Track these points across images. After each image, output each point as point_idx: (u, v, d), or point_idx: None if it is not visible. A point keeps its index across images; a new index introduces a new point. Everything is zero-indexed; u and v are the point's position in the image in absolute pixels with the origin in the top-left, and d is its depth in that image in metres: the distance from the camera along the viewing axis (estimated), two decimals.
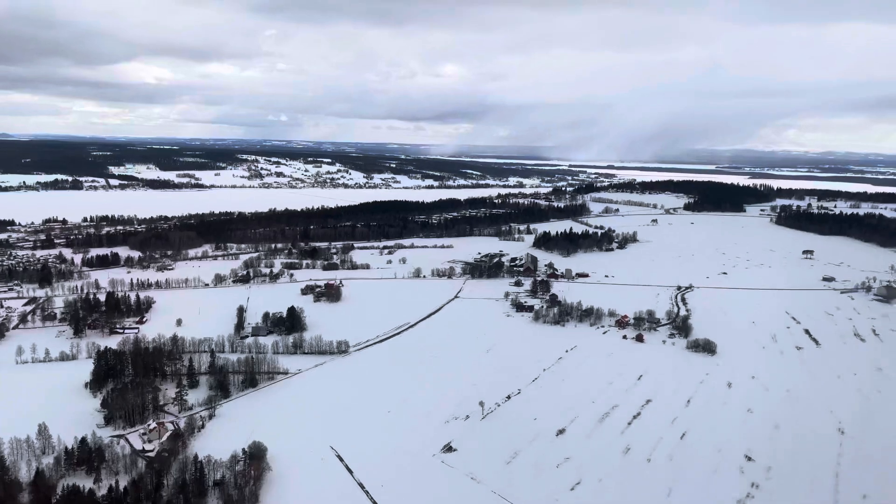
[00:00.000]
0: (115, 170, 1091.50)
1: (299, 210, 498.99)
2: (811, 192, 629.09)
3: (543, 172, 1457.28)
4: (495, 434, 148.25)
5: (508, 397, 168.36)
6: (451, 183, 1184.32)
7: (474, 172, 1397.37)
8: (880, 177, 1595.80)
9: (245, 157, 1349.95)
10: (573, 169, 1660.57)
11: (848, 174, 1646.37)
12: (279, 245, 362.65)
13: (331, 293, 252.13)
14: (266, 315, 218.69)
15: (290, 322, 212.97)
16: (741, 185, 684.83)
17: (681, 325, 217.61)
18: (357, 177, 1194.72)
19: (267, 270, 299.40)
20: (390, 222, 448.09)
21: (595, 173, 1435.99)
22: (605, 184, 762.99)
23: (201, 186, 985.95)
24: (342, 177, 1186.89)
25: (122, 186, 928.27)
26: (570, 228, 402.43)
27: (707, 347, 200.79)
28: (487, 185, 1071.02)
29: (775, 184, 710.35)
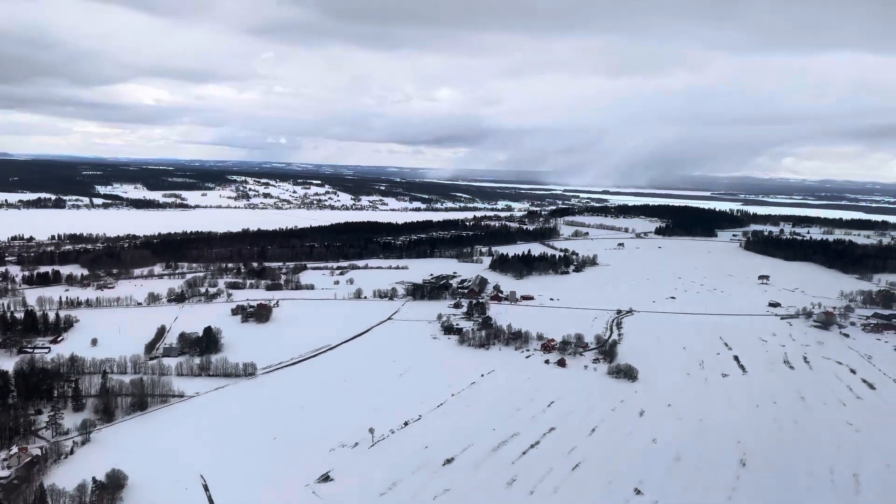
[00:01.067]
0: (102, 189, 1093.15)
1: (266, 230, 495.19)
2: (787, 219, 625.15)
3: (535, 197, 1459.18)
4: (379, 463, 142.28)
5: (406, 423, 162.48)
6: (438, 206, 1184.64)
7: (465, 196, 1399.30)
8: (874, 205, 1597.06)
9: (235, 178, 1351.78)
10: (566, 194, 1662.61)
11: (843, 202, 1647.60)
12: (231, 265, 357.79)
13: (260, 314, 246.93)
14: (182, 335, 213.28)
15: (206, 343, 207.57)
16: (718, 210, 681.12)
17: (607, 351, 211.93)
18: (345, 199, 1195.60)
19: (207, 290, 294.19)
20: (354, 243, 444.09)
21: (587, 198, 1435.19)
22: (581, 207, 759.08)
23: (186, 206, 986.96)
24: (329, 198, 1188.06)
25: (105, 206, 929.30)
26: (528, 251, 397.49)
27: (628, 373, 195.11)
28: (475, 209, 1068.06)
29: (763, 210, 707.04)
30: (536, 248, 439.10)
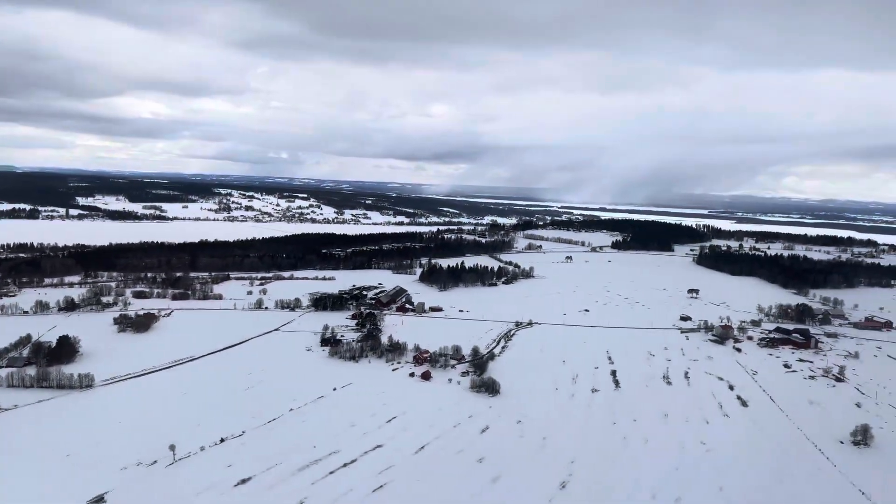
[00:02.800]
0: (83, 200, 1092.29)
1: (209, 241, 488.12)
2: (752, 234, 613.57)
3: (527, 213, 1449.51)
4: (169, 483, 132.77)
5: (222, 440, 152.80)
6: (422, 220, 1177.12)
7: (452, 210, 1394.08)
8: (868, 224, 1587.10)
9: (220, 190, 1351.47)
10: (561, 210, 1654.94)
11: (840, 220, 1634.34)
12: (151, 274, 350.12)
13: (140, 323, 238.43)
14: (36, 344, 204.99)
15: (59, 352, 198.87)
16: (684, 225, 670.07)
17: (479, 364, 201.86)
18: (328, 212, 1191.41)
19: (109, 300, 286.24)
20: (295, 254, 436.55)
21: (581, 215, 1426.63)
22: (546, 221, 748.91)
23: (163, 218, 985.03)
24: (312, 212, 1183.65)
25: (80, 217, 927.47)
26: (460, 263, 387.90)
27: (490, 388, 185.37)
28: (460, 223, 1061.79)
29: (756, 227, 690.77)
30: (483, 261, 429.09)
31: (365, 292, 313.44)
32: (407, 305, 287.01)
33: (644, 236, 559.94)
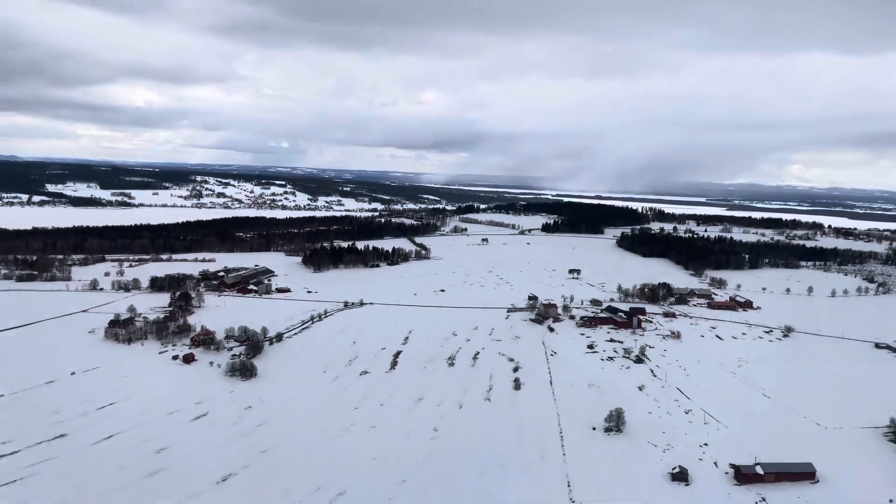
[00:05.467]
0: (51, 188, 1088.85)
1: (122, 226, 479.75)
2: (694, 217, 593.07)
3: (514, 200, 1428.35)
4: None
5: None
6: (397, 207, 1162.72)
7: (432, 197, 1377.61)
8: (862, 211, 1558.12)
9: (197, 178, 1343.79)
10: (557, 198, 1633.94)
11: (837, 208, 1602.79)
12: (21, 256, 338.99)
13: None
14: None
15: None
16: (629, 207, 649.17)
17: (255, 346, 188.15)
18: (302, 199, 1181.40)
19: None
20: (197, 237, 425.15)
21: (570, 203, 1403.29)
22: (492, 206, 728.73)
23: (128, 205, 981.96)
24: (286, 198, 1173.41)
25: (41, 203, 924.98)
26: (346, 245, 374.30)
27: (246, 371, 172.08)
28: (435, 209, 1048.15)
29: (715, 211, 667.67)
30: (399, 244, 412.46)
31: (222, 273, 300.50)
32: (251, 287, 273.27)
33: (578, 219, 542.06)
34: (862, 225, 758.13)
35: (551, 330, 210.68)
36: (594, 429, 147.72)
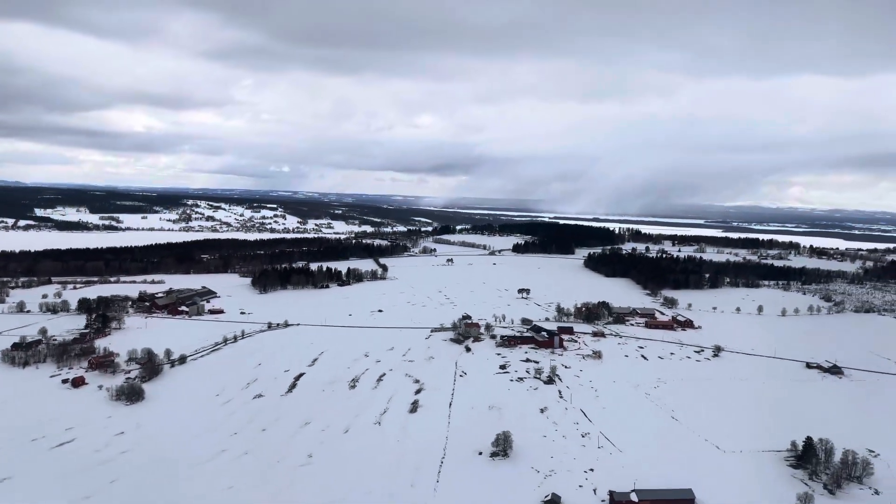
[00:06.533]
0: (40, 212, 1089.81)
1: (96, 248, 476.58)
2: (670, 238, 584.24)
3: (510, 223, 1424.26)
4: None
5: None
6: (386, 230, 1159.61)
7: (423, 220, 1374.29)
8: (860, 232, 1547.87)
9: (188, 201, 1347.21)
10: (554, 221, 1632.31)
11: (836, 230, 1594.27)
12: None
13: None
14: None
15: None
16: (608, 228, 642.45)
17: (153, 369, 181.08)
18: (292, 222, 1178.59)
19: None
20: (154, 258, 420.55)
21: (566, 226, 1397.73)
22: (468, 227, 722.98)
23: (114, 228, 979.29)
24: (275, 221, 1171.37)
25: (26, 228, 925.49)
26: (293, 266, 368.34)
27: (132, 395, 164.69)
28: (412, 231, 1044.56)
29: (710, 233, 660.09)
30: (364, 265, 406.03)
31: (161, 294, 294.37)
32: (182, 308, 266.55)
33: (551, 240, 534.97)
34: (860, 246, 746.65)
35: (468, 350, 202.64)
36: (480, 454, 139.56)
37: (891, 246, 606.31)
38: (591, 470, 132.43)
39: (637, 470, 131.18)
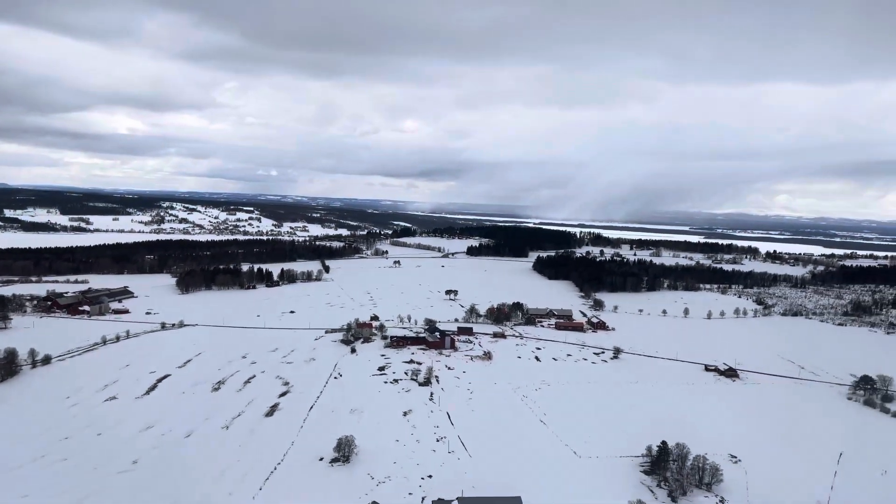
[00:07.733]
0: (9, 213, 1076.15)
1: (37, 248, 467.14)
2: (631, 242, 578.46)
3: (493, 228, 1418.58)
4: None
5: None
6: (362, 233, 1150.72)
7: (403, 224, 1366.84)
8: (841, 240, 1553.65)
9: (163, 203, 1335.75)
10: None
11: (819, 237, 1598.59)
12: None
13: None
14: None
15: None
16: (567, 231, 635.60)
17: (11, 370, 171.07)
18: (266, 224, 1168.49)
19: None
20: (87, 259, 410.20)
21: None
22: (428, 230, 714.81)
23: (83, 230, 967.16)
24: (249, 224, 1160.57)
25: None
26: (222, 266, 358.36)
27: None
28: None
29: (694, 239, 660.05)
30: (310, 266, 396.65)
31: (76, 294, 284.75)
32: (83, 308, 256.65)
33: (507, 243, 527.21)
34: (839, 252, 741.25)
35: (353, 351, 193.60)
36: (321, 459, 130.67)
37: (853, 252, 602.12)
38: (430, 476, 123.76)
39: (478, 477, 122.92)
